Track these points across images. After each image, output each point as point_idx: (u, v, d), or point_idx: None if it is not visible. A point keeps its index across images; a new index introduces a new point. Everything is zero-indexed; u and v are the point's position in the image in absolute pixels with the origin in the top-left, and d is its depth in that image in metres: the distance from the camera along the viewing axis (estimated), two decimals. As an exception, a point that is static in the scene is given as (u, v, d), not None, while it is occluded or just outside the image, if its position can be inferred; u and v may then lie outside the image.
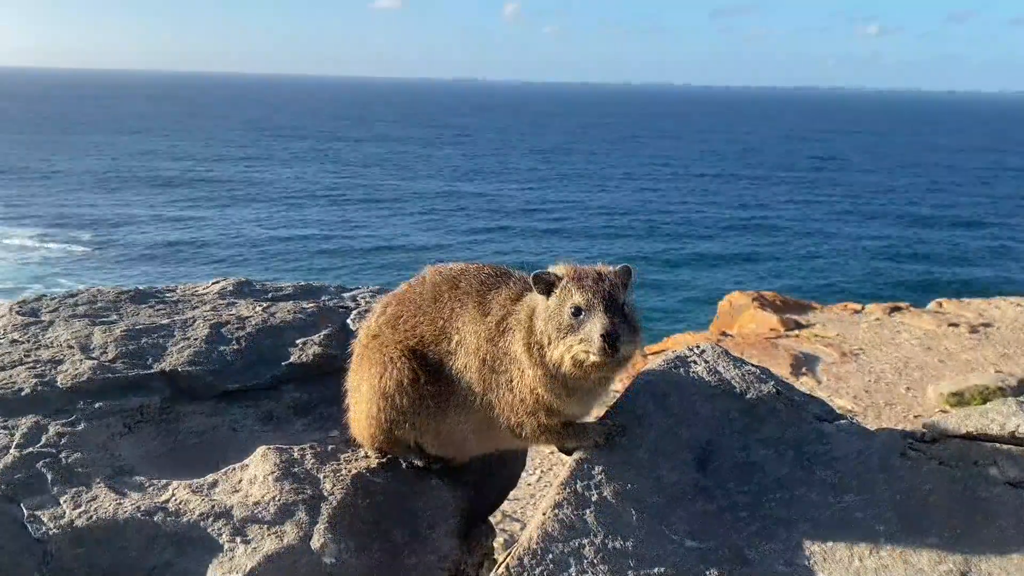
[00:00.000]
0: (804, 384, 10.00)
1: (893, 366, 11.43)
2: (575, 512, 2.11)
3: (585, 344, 2.17)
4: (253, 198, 40.94)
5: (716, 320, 15.12)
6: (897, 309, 14.18)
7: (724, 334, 13.37)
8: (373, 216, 36.96)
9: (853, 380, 11.28)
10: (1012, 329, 12.90)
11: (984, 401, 10.73)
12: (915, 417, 10.15)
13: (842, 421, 2.42)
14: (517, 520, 6.59)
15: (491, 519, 3.19)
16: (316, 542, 2.16)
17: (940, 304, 14.86)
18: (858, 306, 14.67)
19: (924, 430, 2.32)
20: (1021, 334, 12.60)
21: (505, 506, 5.96)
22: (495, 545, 3.84)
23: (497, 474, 2.92)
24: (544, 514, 2.10)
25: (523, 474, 3.70)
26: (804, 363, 11.64)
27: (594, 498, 2.16)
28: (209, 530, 2.17)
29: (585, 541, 2.03)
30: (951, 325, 13.09)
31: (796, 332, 13.15)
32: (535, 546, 2.01)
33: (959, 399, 10.25)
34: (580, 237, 33.63)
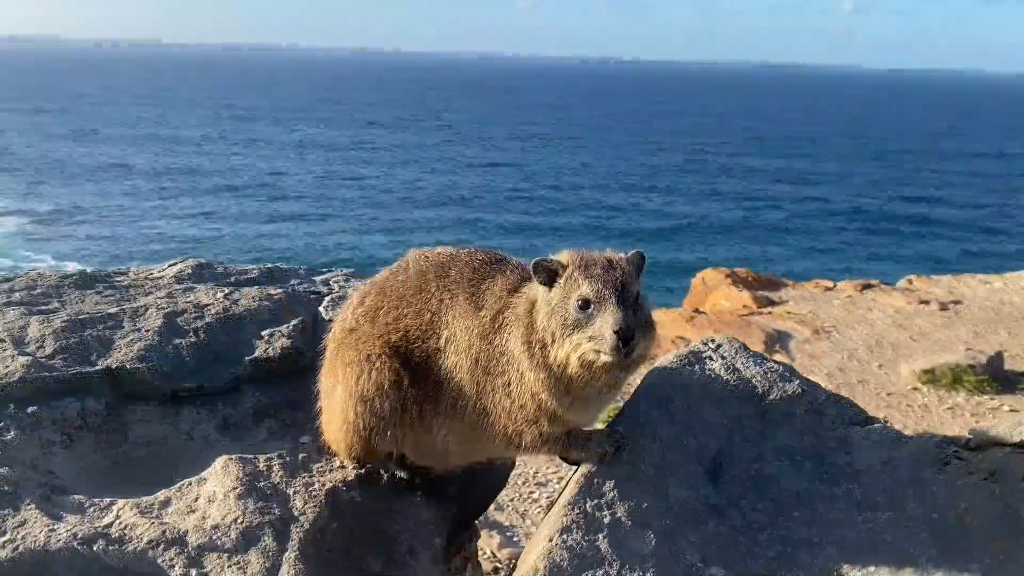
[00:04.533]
0: (779, 363, 9.90)
1: (866, 343, 11.42)
2: (586, 538, 1.85)
3: (595, 342, 1.90)
4: (223, 183, 39.43)
5: (689, 297, 15.01)
6: (868, 286, 14.19)
7: (697, 311, 13.26)
8: (346, 210, 35.66)
9: (826, 358, 11.24)
10: (982, 307, 12.99)
11: (955, 379, 10.75)
12: (888, 395, 10.15)
13: (875, 425, 2.19)
14: (497, 506, 6.37)
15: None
16: (286, 573, 1.86)
17: (910, 281, 14.93)
18: (830, 283, 14.67)
19: (968, 436, 2.09)
20: (991, 312, 12.69)
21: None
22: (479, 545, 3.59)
23: (483, 479, 2.65)
24: (551, 540, 1.83)
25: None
26: (777, 340, 11.55)
27: (607, 520, 1.89)
28: (159, 561, 1.87)
29: (599, 573, 1.77)
30: (922, 302, 13.14)
31: (769, 309, 13.09)
32: (542, 580, 1.74)
33: (931, 376, 10.26)
34: (563, 223, 33.11)
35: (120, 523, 1.97)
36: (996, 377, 9.99)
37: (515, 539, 6.33)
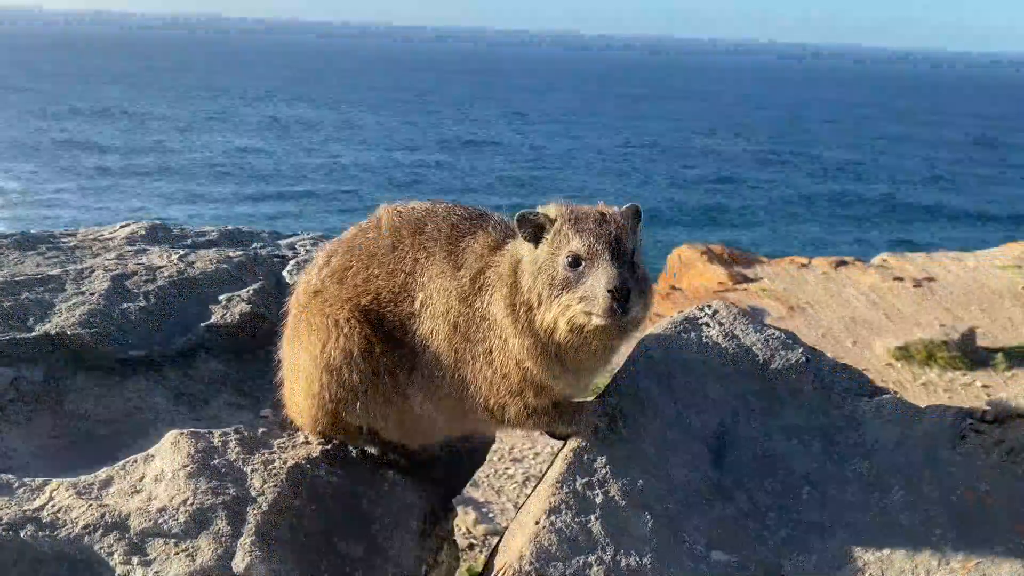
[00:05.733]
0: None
1: (841, 320, 11.45)
2: (576, 519, 1.67)
3: (586, 303, 1.71)
4: (200, 159, 38.08)
5: (664, 273, 14.96)
6: (843, 263, 14.26)
7: (673, 288, 13.22)
8: (321, 188, 34.51)
9: (801, 335, 11.14)
10: (954, 284, 13.08)
11: (928, 355, 10.79)
12: (862, 371, 10.08)
13: (884, 396, 2.03)
14: (471, 483, 6.22)
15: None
16: (240, 561, 1.66)
17: (884, 259, 15.02)
18: (804, 260, 14.71)
19: (986, 408, 1.94)
20: (963, 289, 12.79)
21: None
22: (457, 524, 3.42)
23: (467, 456, 2.46)
24: (537, 523, 1.65)
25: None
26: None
27: (599, 500, 1.72)
28: (96, 548, 1.65)
29: (592, 558, 1.59)
30: (896, 279, 13.21)
31: (744, 286, 13.09)
32: (528, 567, 1.56)
33: (904, 353, 10.31)
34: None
35: (53, 506, 1.75)
36: (968, 353, 10.06)
37: (490, 515, 6.20)
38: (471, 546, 5.71)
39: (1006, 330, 10.93)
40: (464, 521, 5.90)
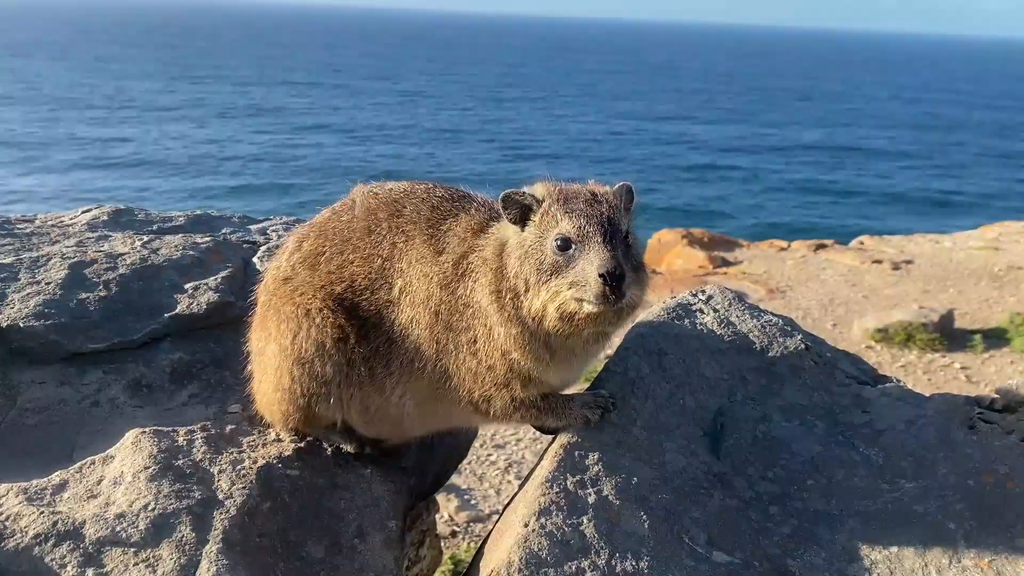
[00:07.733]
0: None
1: (819, 302, 11.47)
2: (568, 521, 1.55)
3: (577, 289, 1.60)
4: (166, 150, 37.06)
5: (644, 256, 14.84)
6: (822, 246, 14.32)
7: (653, 271, 13.18)
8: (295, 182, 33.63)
9: (781, 317, 11.13)
10: (932, 265, 13.17)
11: (907, 337, 10.83)
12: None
13: (888, 384, 1.94)
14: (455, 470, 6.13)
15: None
16: (205, 571, 1.53)
17: (862, 242, 15.11)
18: (784, 243, 14.76)
19: (995, 396, 1.86)
20: (940, 270, 12.87)
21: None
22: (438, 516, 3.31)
23: (442, 446, 2.34)
24: (526, 526, 1.54)
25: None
26: (733, 300, 11.42)
27: (591, 499, 1.61)
28: (48, 559, 1.52)
29: (585, 563, 1.48)
30: (874, 262, 13.27)
31: (724, 269, 13.11)
32: (517, 574, 1.45)
33: (884, 334, 10.34)
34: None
35: (1, 513, 1.61)
36: (947, 335, 10.11)
37: (472, 502, 6.11)
38: (453, 533, 5.63)
39: (983, 311, 11.02)
40: (446, 508, 5.81)
